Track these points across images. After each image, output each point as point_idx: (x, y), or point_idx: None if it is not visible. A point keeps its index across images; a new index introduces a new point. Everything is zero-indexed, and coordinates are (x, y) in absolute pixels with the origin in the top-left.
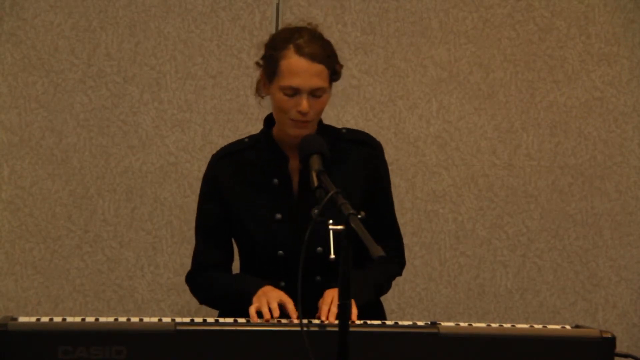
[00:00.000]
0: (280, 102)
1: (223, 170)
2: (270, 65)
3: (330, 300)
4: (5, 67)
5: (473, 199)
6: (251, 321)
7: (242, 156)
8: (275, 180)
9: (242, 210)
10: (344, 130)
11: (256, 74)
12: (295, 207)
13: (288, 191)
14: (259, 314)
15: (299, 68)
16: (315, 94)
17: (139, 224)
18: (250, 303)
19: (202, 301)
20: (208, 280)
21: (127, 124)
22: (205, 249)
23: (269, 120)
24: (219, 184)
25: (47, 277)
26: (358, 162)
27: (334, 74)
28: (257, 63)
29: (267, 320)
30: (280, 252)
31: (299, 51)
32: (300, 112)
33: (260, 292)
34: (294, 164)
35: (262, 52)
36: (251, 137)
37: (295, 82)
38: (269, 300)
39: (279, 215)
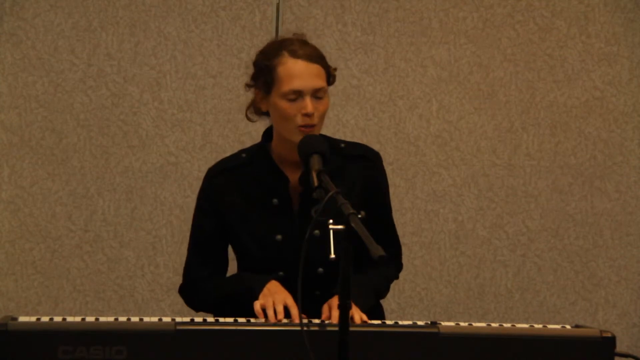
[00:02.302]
0: (283, 110)
1: (220, 187)
2: (265, 76)
3: (336, 303)
4: (5, 67)
5: (473, 199)
6: (257, 316)
7: (240, 173)
8: (275, 201)
9: (241, 229)
10: (342, 145)
11: None
12: (296, 227)
13: (288, 212)
14: (264, 312)
15: (297, 70)
16: (316, 95)
17: (139, 223)
18: (255, 299)
19: (198, 308)
20: (204, 287)
21: (127, 124)
22: (198, 263)
23: (267, 135)
24: (216, 200)
25: (47, 276)
26: (357, 177)
27: (329, 76)
28: (247, 85)
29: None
30: (281, 272)
31: (294, 54)
32: (306, 115)
33: (266, 289)
34: (294, 184)
35: (251, 70)
36: (248, 152)
37: (296, 84)
38: (275, 301)
39: (279, 237)
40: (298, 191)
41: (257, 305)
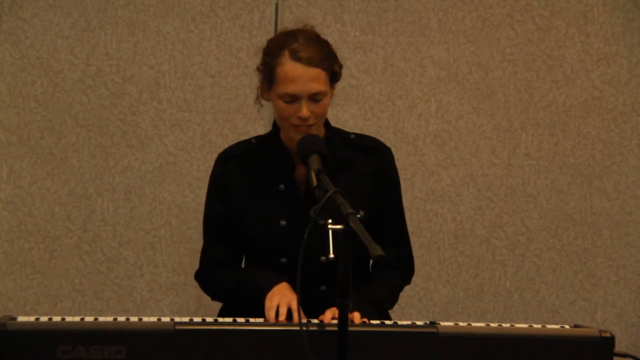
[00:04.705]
0: (280, 110)
1: (229, 171)
2: (267, 72)
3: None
4: (4, 67)
5: (472, 199)
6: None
7: (249, 158)
8: (282, 186)
9: (247, 213)
10: (352, 136)
11: (255, 74)
12: (301, 214)
13: (294, 197)
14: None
15: (295, 74)
16: (314, 98)
17: (138, 223)
18: (263, 297)
19: (214, 297)
20: (219, 276)
21: (126, 124)
22: (213, 248)
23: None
24: (225, 184)
25: (46, 276)
26: (366, 169)
27: (333, 75)
28: (258, 68)
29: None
30: (284, 259)
31: (294, 56)
32: (300, 118)
33: (276, 289)
34: (301, 170)
35: (261, 56)
36: (258, 139)
37: (292, 88)
38: (281, 302)
39: (283, 222)
40: (305, 177)
41: (269, 313)
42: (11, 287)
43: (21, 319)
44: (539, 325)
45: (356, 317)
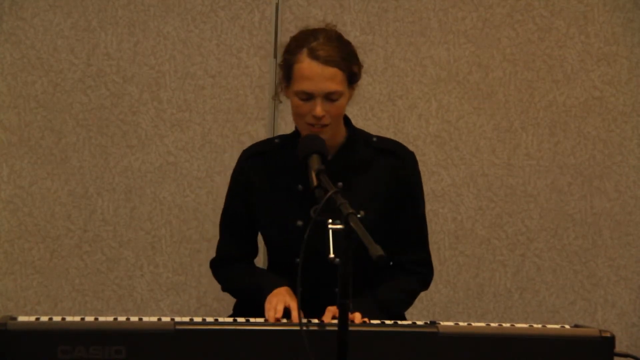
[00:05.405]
0: (296, 107)
1: (251, 169)
2: (285, 69)
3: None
4: (4, 67)
5: (472, 199)
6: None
7: (270, 157)
8: (300, 187)
9: (265, 213)
10: (374, 139)
11: (255, 74)
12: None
13: (312, 198)
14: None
15: (311, 72)
16: (330, 97)
17: (138, 223)
18: (263, 299)
19: (223, 290)
20: (226, 273)
21: (126, 124)
22: (226, 244)
23: None
24: (246, 181)
25: (47, 276)
26: (384, 171)
27: (352, 76)
28: (280, 65)
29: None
30: (299, 259)
31: (311, 54)
32: (314, 117)
33: (275, 291)
34: None
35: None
36: (281, 138)
37: (307, 86)
38: (278, 302)
39: (300, 222)
40: None
41: (268, 313)
42: (11, 287)
43: (21, 319)
44: (539, 325)
45: (357, 317)
